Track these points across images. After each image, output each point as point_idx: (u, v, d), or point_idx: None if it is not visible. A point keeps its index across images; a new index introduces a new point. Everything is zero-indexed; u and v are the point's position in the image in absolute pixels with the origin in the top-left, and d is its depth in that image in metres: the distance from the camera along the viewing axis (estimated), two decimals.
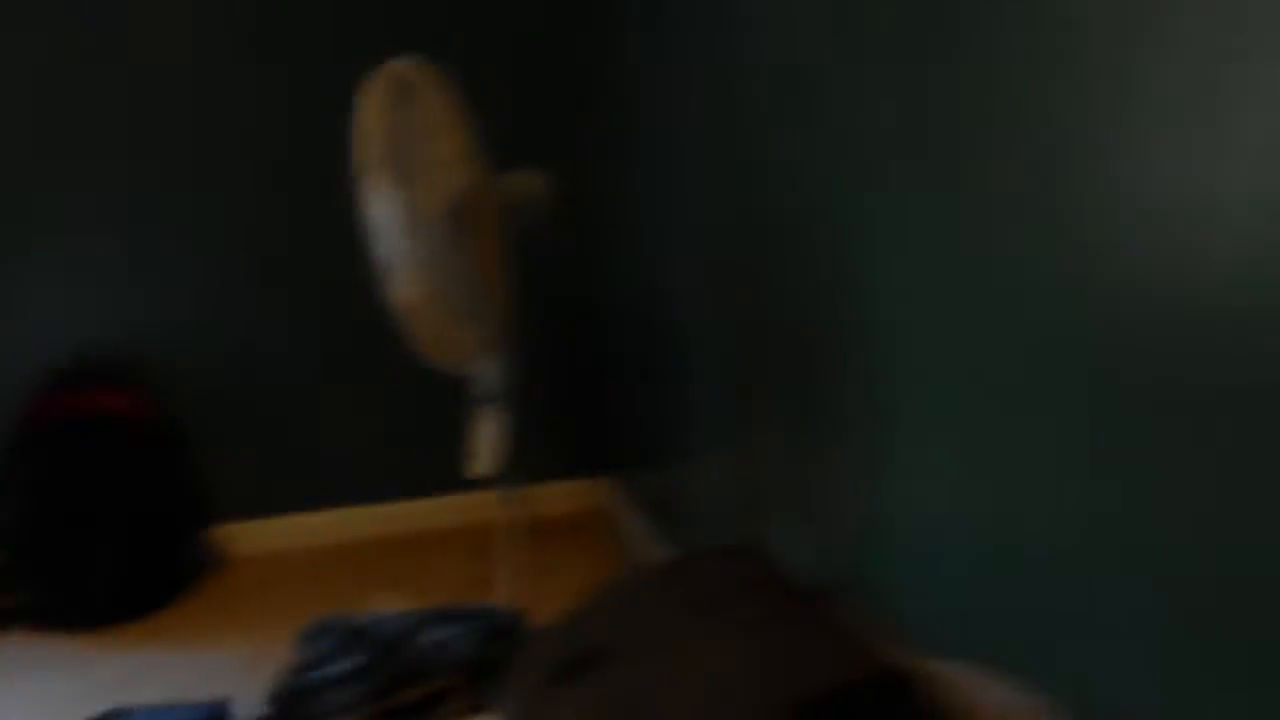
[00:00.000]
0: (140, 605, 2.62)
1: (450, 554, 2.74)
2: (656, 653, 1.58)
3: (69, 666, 2.37)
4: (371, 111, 1.99)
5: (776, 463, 1.92)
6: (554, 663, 1.67)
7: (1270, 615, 0.89)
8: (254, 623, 2.46)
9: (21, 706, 2.18)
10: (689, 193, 2.20)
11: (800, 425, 1.81)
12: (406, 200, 1.99)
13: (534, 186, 2.16)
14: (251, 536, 2.86)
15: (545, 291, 2.85)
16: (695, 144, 2.14)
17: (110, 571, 2.60)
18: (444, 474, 2.85)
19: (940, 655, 1.47)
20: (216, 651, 2.36)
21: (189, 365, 2.75)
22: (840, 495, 1.71)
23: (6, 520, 2.59)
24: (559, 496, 2.99)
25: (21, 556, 2.59)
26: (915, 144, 1.37)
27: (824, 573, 1.81)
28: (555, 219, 2.70)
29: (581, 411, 2.98)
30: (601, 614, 1.83)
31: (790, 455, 1.85)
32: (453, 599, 2.43)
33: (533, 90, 2.76)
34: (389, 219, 2.03)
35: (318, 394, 2.82)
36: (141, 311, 2.70)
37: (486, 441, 2.26)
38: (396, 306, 2.08)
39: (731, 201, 1.97)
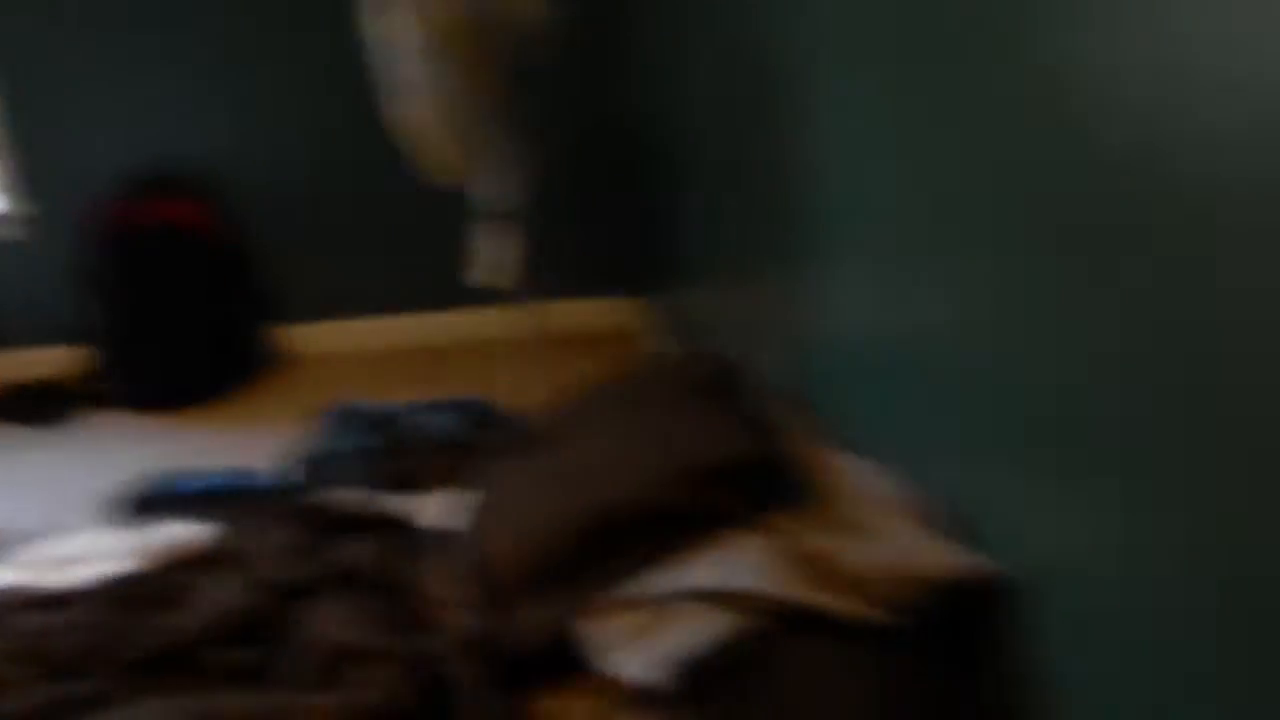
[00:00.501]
0: (211, 392, 2.99)
1: (477, 360, 3.03)
2: (588, 436, 1.84)
3: (150, 440, 2.77)
4: None
5: (753, 286, 2.12)
6: (512, 443, 1.95)
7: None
8: (305, 410, 2.80)
9: (111, 470, 2.57)
10: (694, 27, 2.33)
11: (765, 254, 2.01)
12: (402, 24, 2.17)
13: (532, 7, 2.29)
14: (310, 337, 3.20)
15: (565, 111, 3.02)
16: None
17: (186, 362, 2.98)
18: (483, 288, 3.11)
19: (846, 449, 1.69)
20: (271, 433, 2.70)
21: (255, 181, 3.03)
22: (789, 315, 1.92)
23: (96, 317, 2.97)
24: (585, 312, 3.23)
25: (110, 349, 2.99)
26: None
27: (777, 380, 2.03)
28: (567, 40, 2.81)
29: (605, 231, 3.18)
30: (564, 408, 2.09)
31: (760, 280, 2.06)
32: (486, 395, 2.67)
33: None
34: (387, 43, 2.22)
35: (375, 209, 3.08)
36: (211, 126, 2.98)
37: (488, 255, 2.49)
38: (400, 127, 2.29)
39: (725, 42, 2.11)
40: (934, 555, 1.39)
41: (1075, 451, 1.08)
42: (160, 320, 2.95)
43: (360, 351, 3.21)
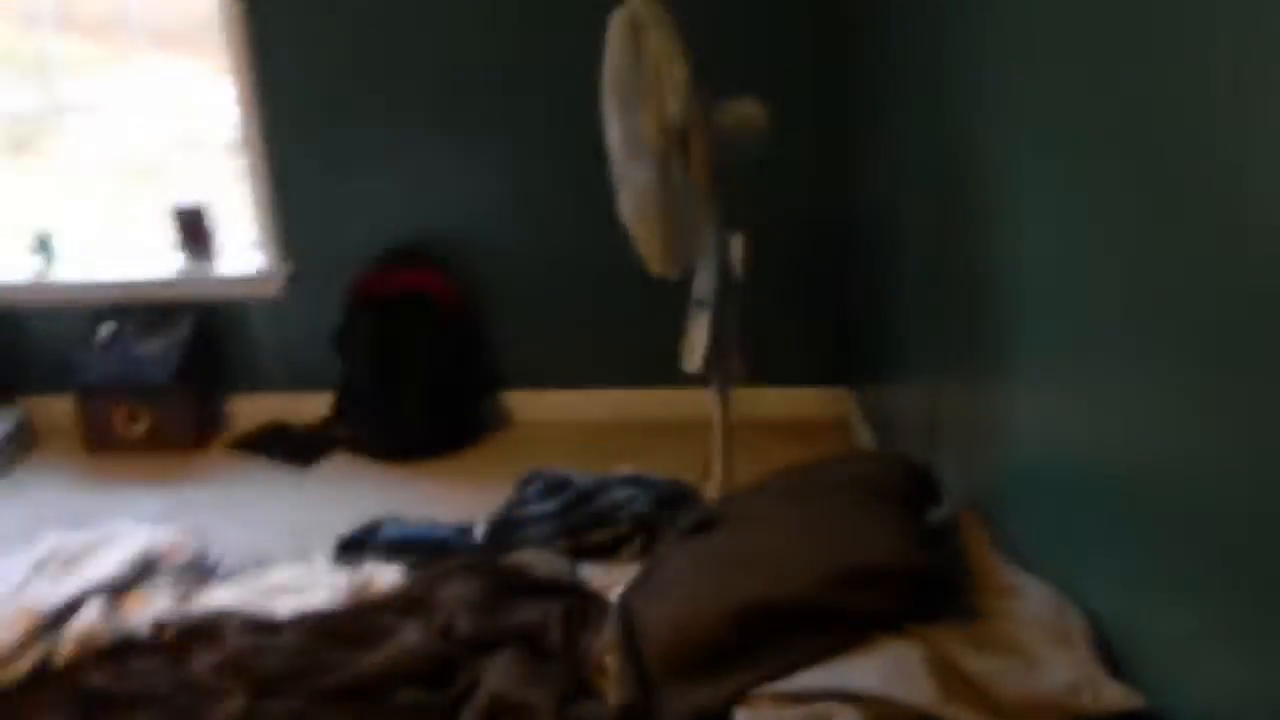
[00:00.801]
0: (436, 448, 3.21)
1: (680, 439, 3.10)
2: (761, 523, 1.87)
3: (378, 486, 3.02)
4: (611, 44, 2.33)
5: (944, 388, 2.12)
6: (687, 524, 2.01)
7: None
8: (514, 472, 2.96)
9: (340, 510, 2.80)
10: (905, 135, 2.37)
11: (956, 356, 2.01)
12: (629, 125, 2.32)
13: (752, 114, 2.40)
14: (528, 404, 3.40)
15: (781, 207, 3.10)
16: (908, 88, 2.31)
17: (415, 419, 3.23)
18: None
19: (1020, 566, 1.66)
20: (481, 490, 2.85)
21: (492, 255, 3.28)
22: (975, 420, 1.91)
23: (343, 371, 3.28)
24: (791, 400, 3.27)
25: (351, 399, 3.28)
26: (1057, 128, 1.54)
27: (962, 487, 2.01)
28: (779, 141, 2.89)
29: (814, 321, 3.22)
30: (744, 492, 2.14)
31: (950, 382, 2.06)
32: (680, 476, 2.74)
33: (770, 21, 2.98)
34: (616, 141, 2.37)
35: (597, 287, 3.26)
36: (456, 206, 3.24)
37: (697, 341, 2.58)
38: (623, 219, 2.43)
39: (930, 141, 2.15)
40: (1094, 692, 1.34)
41: (1268, 591, 1.03)
42: (397, 378, 3.21)
43: (572, 421, 3.36)
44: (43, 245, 3.37)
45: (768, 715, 1.53)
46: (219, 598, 2.13)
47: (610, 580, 2.09)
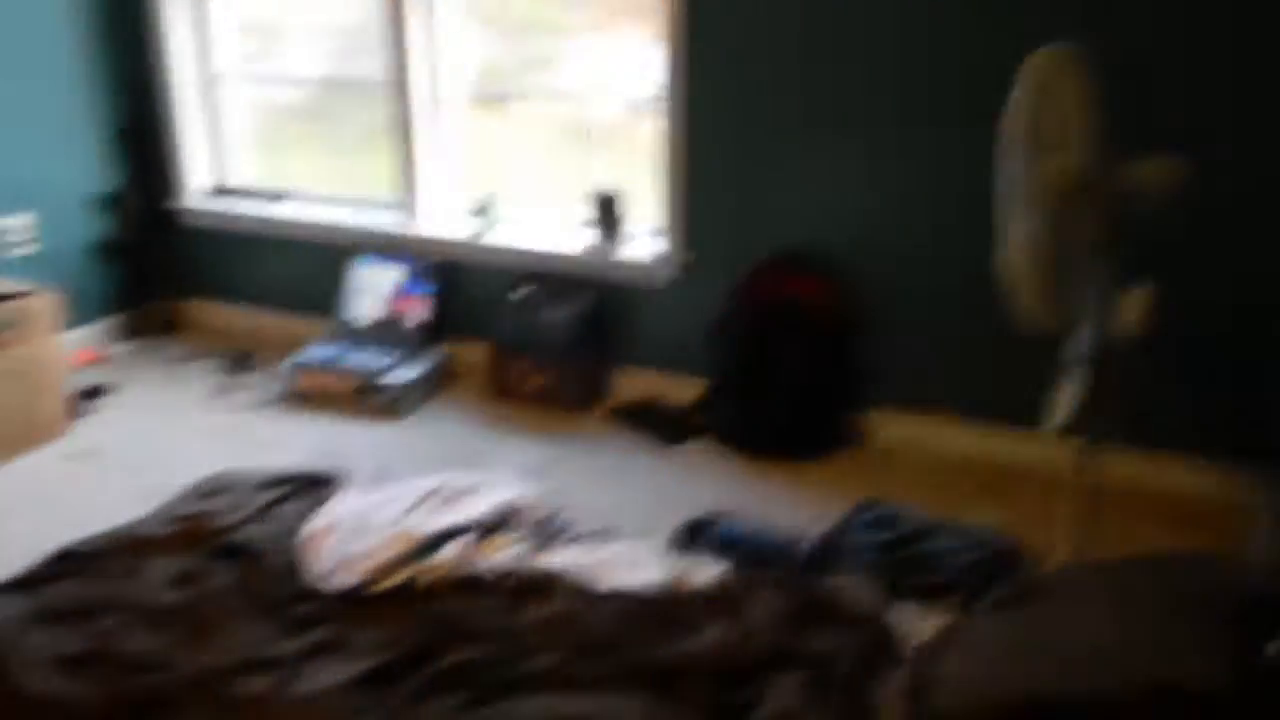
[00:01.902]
0: (790, 451, 3.29)
1: (1033, 491, 2.97)
2: (1072, 607, 1.81)
3: (727, 475, 3.16)
4: (1021, 85, 2.28)
5: None
6: (1008, 592, 1.98)
7: None
8: (861, 490, 2.93)
9: (688, 489, 3.01)
10: None
11: None
12: (1024, 172, 2.27)
13: (1162, 171, 2.25)
14: (888, 425, 3.40)
15: (1196, 261, 2.86)
16: None
17: (777, 419, 3.33)
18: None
19: None
20: (825, 501, 2.90)
21: (876, 272, 3.30)
22: None
23: (718, 361, 3.46)
24: (1182, 474, 3.02)
25: (720, 389, 3.46)
26: None
27: None
28: (1205, 192, 2.65)
29: (1201, 390, 2.94)
30: (1074, 570, 2.06)
31: None
32: (1021, 534, 2.66)
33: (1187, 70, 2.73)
34: (1007, 186, 2.33)
35: (979, 317, 3.18)
36: (849, 218, 3.30)
37: (1069, 398, 2.48)
38: (1002, 265, 2.38)
39: None
40: None
41: None
42: (766, 377, 3.33)
43: (929, 449, 3.32)
44: (484, 209, 3.84)
45: None
46: (559, 558, 2.38)
47: (915, 627, 2.10)
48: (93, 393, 3.61)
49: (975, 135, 3.00)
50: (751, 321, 3.35)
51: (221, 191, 4.34)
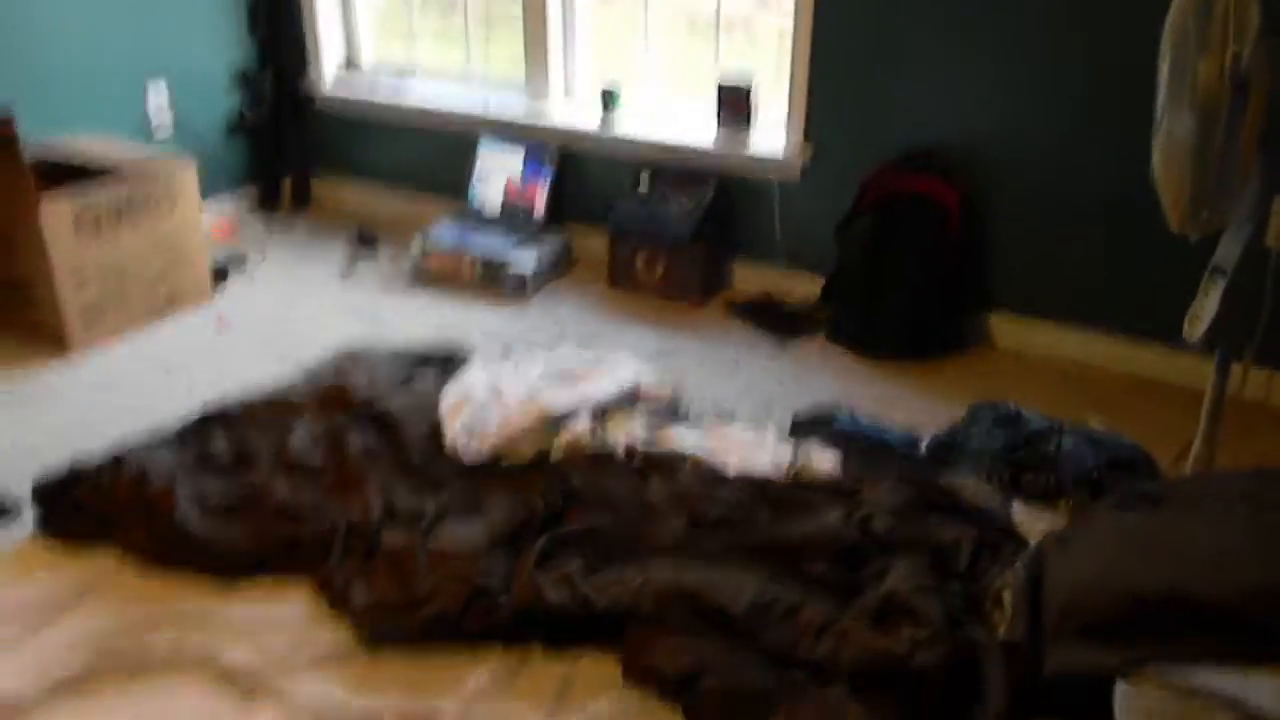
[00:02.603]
0: (908, 351, 3.28)
1: (1163, 403, 2.95)
2: (1197, 513, 1.82)
3: (841, 374, 3.17)
4: None
5: None
6: (1131, 494, 2.00)
7: None
8: (980, 395, 2.92)
9: (801, 385, 3.05)
10: None
11: None
12: (1181, 69, 2.21)
13: None
14: (1009, 330, 3.37)
15: None
16: None
17: (896, 319, 3.31)
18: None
19: None
20: (942, 401, 2.92)
21: (1006, 172, 3.24)
22: None
23: (838, 259, 3.45)
24: None
25: (840, 288, 3.45)
26: None
27: None
28: None
29: None
30: (1200, 478, 2.06)
31: None
32: (1146, 443, 2.61)
33: None
34: (1163, 83, 2.27)
35: (1113, 224, 3.12)
36: (980, 116, 3.22)
37: (1205, 312, 2.44)
38: (1154, 165, 2.33)
39: None
40: None
41: None
42: (886, 277, 3.31)
43: (1054, 357, 3.29)
44: (610, 97, 3.86)
45: (1150, 694, 1.56)
46: (682, 437, 2.46)
47: (1035, 525, 2.13)
48: (229, 265, 3.74)
49: (1108, 36, 2.94)
50: (874, 220, 3.33)
51: (352, 69, 4.41)
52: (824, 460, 2.35)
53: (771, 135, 3.63)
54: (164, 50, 3.95)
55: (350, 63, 4.43)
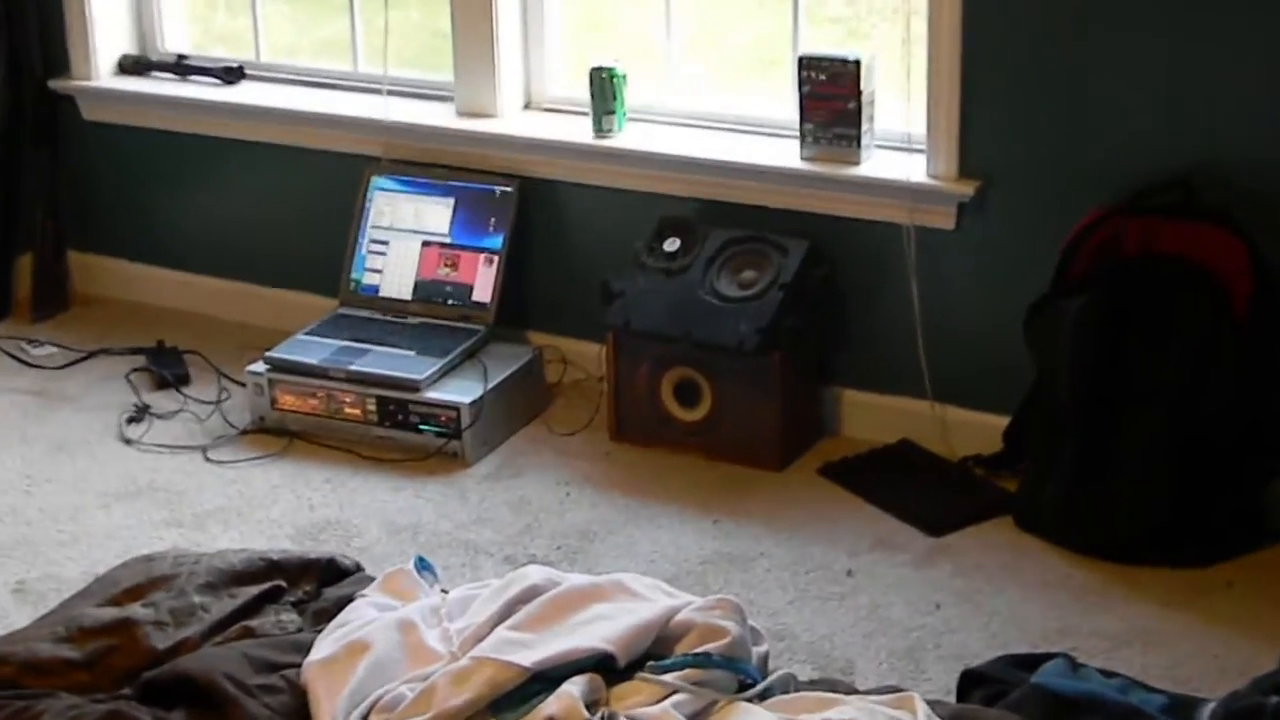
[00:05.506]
0: (1166, 543, 3.07)
1: None
2: None
3: (1048, 590, 3.00)
4: None
5: None
6: None
7: None
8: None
9: (970, 606, 2.94)
10: None
11: None
12: None
13: None
14: None
15: None
16: None
17: (1144, 482, 3.10)
18: None
19: None
20: (1239, 639, 2.80)
21: None
22: None
23: (1038, 373, 3.23)
24: None
25: (1035, 426, 3.25)
26: None
27: None
28: None
29: None
30: None
31: None
32: None
33: None
34: None
35: None
36: (1237, 129, 3.14)
37: None
38: None
39: None
40: None
41: None
42: (1124, 408, 3.10)
43: None
44: (606, 85, 3.67)
45: None
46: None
47: None
48: None
49: None
50: (1096, 303, 3.14)
51: (143, 66, 4.27)
52: None
53: (901, 155, 3.48)
54: None
55: (142, 55, 4.30)
